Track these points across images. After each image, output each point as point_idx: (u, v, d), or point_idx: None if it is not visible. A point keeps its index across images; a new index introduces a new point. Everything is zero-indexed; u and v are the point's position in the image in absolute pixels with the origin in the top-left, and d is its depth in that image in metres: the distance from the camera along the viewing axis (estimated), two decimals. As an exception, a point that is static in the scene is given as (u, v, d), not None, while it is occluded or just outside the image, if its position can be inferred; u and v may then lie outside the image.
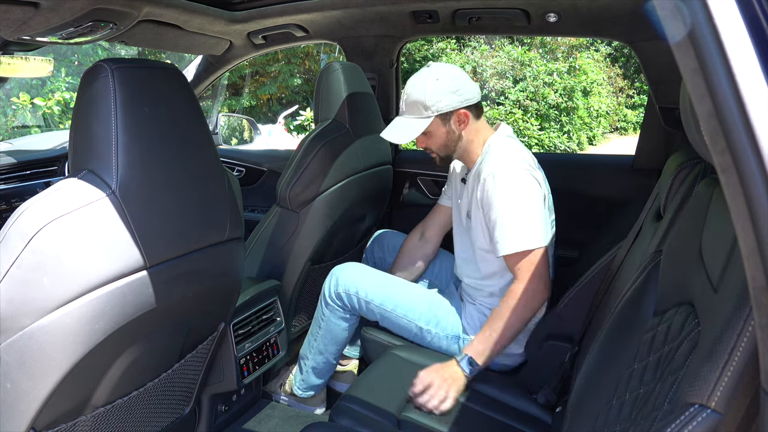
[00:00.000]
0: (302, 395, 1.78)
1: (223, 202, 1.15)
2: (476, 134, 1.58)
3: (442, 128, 1.55)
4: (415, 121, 1.54)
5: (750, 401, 0.55)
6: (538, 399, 1.42)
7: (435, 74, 1.52)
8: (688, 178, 1.12)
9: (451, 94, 1.51)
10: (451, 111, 1.52)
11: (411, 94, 1.54)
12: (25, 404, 0.92)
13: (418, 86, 1.53)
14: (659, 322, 0.83)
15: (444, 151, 1.60)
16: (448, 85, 1.51)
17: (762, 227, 0.46)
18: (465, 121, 1.55)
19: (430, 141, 1.59)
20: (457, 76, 1.54)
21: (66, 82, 5.09)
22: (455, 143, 1.58)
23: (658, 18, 0.52)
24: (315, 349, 1.72)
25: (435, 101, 1.50)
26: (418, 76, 1.55)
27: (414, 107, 1.54)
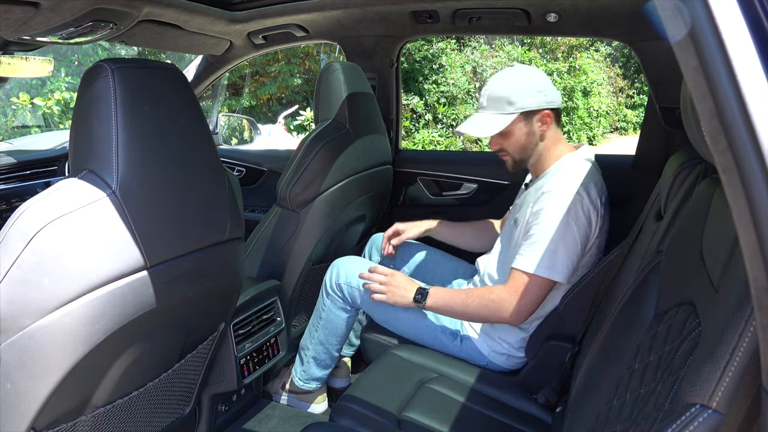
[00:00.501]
0: (303, 386, 1.78)
1: (223, 202, 1.14)
2: (553, 143, 1.53)
3: (523, 128, 1.49)
4: (497, 116, 1.48)
5: (751, 401, 0.55)
6: (538, 399, 1.42)
7: (521, 71, 1.49)
8: (688, 178, 1.12)
9: (537, 93, 1.47)
10: (536, 110, 1.47)
11: (495, 90, 1.49)
12: (25, 404, 0.92)
13: (503, 82, 1.49)
14: (660, 322, 0.83)
15: (520, 154, 1.54)
16: (534, 83, 1.47)
17: (763, 227, 0.46)
18: (548, 123, 1.49)
19: (506, 142, 1.52)
20: (542, 76, 1.51)
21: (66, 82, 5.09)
22: (533, 146, 1.52)
23: (659, 18, 0.52)
24: (316, 339, 1.73)
25: (520, 97, 1.46)
26: (503, 73, 1.51)
27: (497, 102, 1.48)
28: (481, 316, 1.48)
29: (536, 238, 1.40)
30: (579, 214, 1.39)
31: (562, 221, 1.39)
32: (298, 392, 1.82)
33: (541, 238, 1.39)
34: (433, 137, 6.97)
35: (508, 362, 1.57)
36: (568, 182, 1.42)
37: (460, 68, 7.65)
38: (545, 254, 1.38)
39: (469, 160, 2.34)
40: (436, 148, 6.74)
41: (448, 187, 2.25)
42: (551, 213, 1.40)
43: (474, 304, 1.45)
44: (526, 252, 1.41)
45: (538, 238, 1.40)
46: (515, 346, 1.55)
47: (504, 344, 1.55)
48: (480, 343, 1.56)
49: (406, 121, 7.05)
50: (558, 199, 1.40)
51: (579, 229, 1.40)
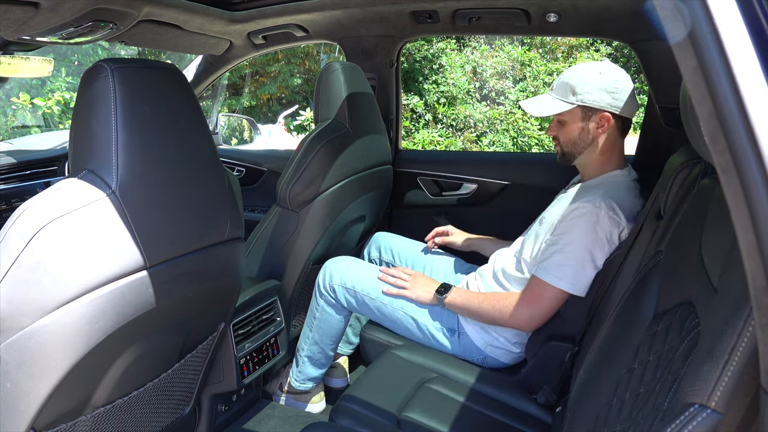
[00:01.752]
0: (300, 387, 1.78)
1: (223, 201, 1.14)
2: (611, 152, 1.48)
3: (579, 122, 1.46)
4: (557, 101, 1.47)
5: (750, 401, 0.55)
6: (538, 399, 1.42)
7: (600, 68, 1.45)
8: (688, 178, 1.12)
9: (605, 93, 1.42)
10: (596, 109, 1.43)
11: (566, 76, 1.47)
12: (25, 404, 0.92)
13: (576, 71, 1.46)
14: (659, 322, 0.83)
15: (569, 148, 1.50)
16: (607, 82, 1.42)
17: (762, 227, 0.46)
18: (605, 127, 1.44)
19: (561, 131, 1.50)
20: (621, 79, 1.44)
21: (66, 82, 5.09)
22: (584, 146, 1.48)
23: (658, 18, 0.52)
24: (310, 339, 1.73)
25: (585, 90, 1.42)
26: (584, 64, 1.48)
27: (562, 88, 1.47)
28: (494, 319, 1.48)
29: (565, 250, 1.38)
30: (613, 237, 1.39)
31: (595, 240, 1.37)
32: (296, 392, 1.82)
33: (570, 252, 1.38)
34: (433, 137, 6.97)
35: (505, 357, 1.57)
36: (607, 200, 1.38)
37: (460, 68, 7.65)
38: (572, 269, 1.38)
39: (469, 160, 2.34)
40: (436, 148, 6.74)
41: (448, 187, 2.25)
42: (587, 230, 1.37)
43: (488, 307, 1.47)
44: (552, 264, 1.40)
45: (568, 251, 1.38)
46: (511, 341, 1.55)
47: (501, 338, 1.55)
48: (476, 338, 1.57)
49: (406, 121, 7.05)
50: (597, 218, 1.37)
51: (609, 251, 1.39)
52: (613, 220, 1.38)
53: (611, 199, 1.39)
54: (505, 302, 1.46)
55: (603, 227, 1.37)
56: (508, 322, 1.45)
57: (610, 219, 1.38)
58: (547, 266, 1.41)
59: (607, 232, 1.38)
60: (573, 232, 1.39)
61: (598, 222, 1.37)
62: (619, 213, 1.39)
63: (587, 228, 1.37)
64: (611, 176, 1.49)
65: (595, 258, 1.39)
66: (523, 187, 2.14)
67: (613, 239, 1.39)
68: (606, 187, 1.44)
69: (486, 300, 1.49)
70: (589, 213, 1.38)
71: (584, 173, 1.55)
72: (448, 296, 1.54)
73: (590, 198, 1.40)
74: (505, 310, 1.45)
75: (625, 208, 1.40)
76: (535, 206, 1.79)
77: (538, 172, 2.13)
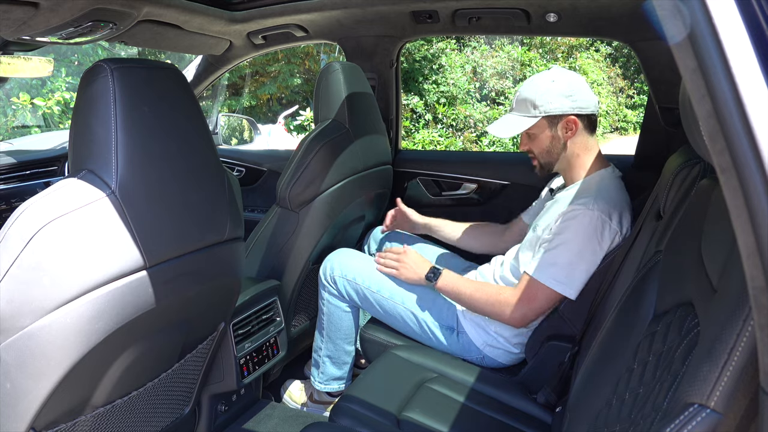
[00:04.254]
0: (324, 389, 1.77)
1: (223, 202, 1.15)
2: (585, 151, 1.51)
3: (547, 132, 1.49)
4: (520, 118, 1.50)
5: (749, 401, 0.55)
6: (538, 399, 1.42)
7: (552, 76, 1.48)
8: (687, 178, 1.12)
9: (564, 98, 1.45)
10: (560, 115, 1.46)
11: (522, 92, 1.50)
12: (24, 404, 0.92)
13: (531, 84, 1.49)
14: (659, 322, 0.83)
15: (545, 158, 1.54)
16: (562, 88, 1.46)
17: (761, 227, 0.46)
18: (573, 129, 1.47)
19: (533, 144, 1.53)
20: (575, 81, 1.48)
21: (66, 82, 5.09)
22: (559, 152, 1.51)
23: (658, 18, 0.52)
24: (325, 337, 1.74)
25: (545, 101, 1.45)
26: (536, 75, 1.51)
27: (523, 105, 1.50)
28: (484, 311, 1.49)
29: (557, 251, 1.40)
30: (605, 237, 1.39)
31: (586, 241, 1.38)
32: (321, 402, 1.81)
33: (562, 252, 1.39)
34: (433, 137, 6.97)
35: (504, 357, 1.57)
36: (599, 202, 1.40)
37: (460, 68, 7.65)
38: (563, 269, 1.39)
39: (469, 160, 2.34)
40: (436, 148, 6.74)
41: (447, 187, 2.26)
42: (578, 231, 1.39)
43: (481, 297, 1.48)
44: (544, 262, 1.41)
45: (560, 251, 1.40)
46: (511, 341, 1.55)
47: (500, 339, 1.55)
48: (475, 338, 1.57)
49: (406, 121, 7.05)
50: (587, 220, 1.38)
51: (601, 251, 1.40)
52: (606, 222, 1.39)
53: (603, 201, 1.40)
54: (498, 297, 1.46)
55: (595, 229, 1.39)
56: (499, 317, 1.46)
57: (602, 221, 1.39)
58: (541, 266, 1.42)
59: (599, 235, 1.39)
60: (566, 233, 1.40)
61: (590, 224, 1.38)
62: (612, 214, 1.40)
63: (580, 230, 1.39)
64: (597, 176, 1.50)
65: (588, 260, 1.40)
66: (523, 187, 2.13)
67: (605, 241, 1.40)
68: (596, 189, 1.45)
69: (479, 291, 1.49)
70: (581, 215, 1.39)
71: (568, 177, 1.56)
72: (438, 282, 1.55)
73: (583, 201, 1.41)
74: (497, 305, 1.45)
75: (617, 208, 1.42)
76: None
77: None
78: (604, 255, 1.41)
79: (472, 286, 1.51)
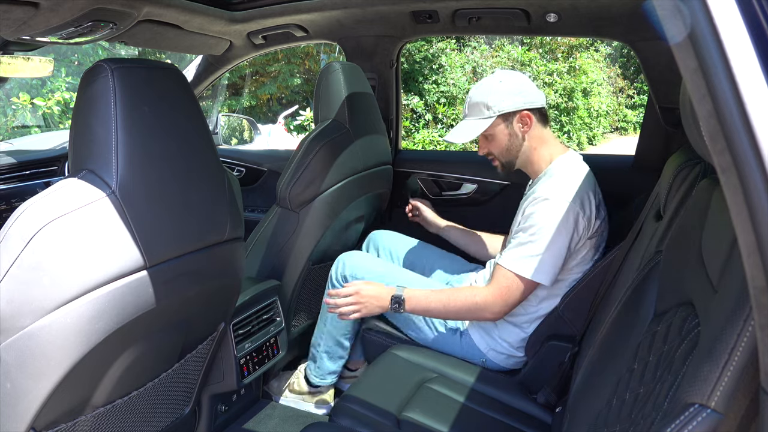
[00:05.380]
0: (319, 383, 1.78)
1: (223, 202, 1.15)
2: (541, 143, 1.54)
3: (504, 130, 1.53)
4: (476, 121, 1.53)
5: (750, 401, 0.55)
6: (538, 399, 1.42)
7: (498, 77, 1.53)
8: (688, 178, 1.12)
9: (514, 95, 1.50)
10: (514, 111, 1.51)
11: (473, 97, 1.53)
12: (24, 404, 0.92)
13: (480, 88, 1.53)
14: (659, 322, 0.83)
15: (506, 156, 1.57)
16: (510, 86, 1.50)
17: (762, 227, 0.46)
18: (528, 123, 1.52)
19: (491, 145, 1.57)
20: (520, 79, 1.54)
21: (66, 82, 5.09)
22: (518, 148, 1.55)
23: (658, 18, 0.52)
24: (326, 333, 1.74)
25: (497, 101, 1.49)
26: (482, 81, 1.56)
27: (476, 108, 1.53)
28: (463, 316, 1.50)
29: (524, 239, 1.42)
30: (569, 220, 1.41)
31: (551, 226, 1.40)
32: (306, 393, 1.82)
33: (530, 240, 1.41)
34: (433, 137, 6.97)
35: (507, 361, 1.57)
36: (560, 187, 1.43)
37: (460, 68, 7.65)
38: (532, 257, 1.41)
39: (469, 160, 2.34)
40: (436, 148, 6.74)
41: (447, 187, 2.26)
42: (541, 217, 1.41)
43: (456, 305, 1.45)
44: (514, 252, 1.43)
45: (527, 239, 1.42)
46: (515, 345, 1.55)
47: (504, 343, 1.55)
48: (479, 341, 1.57)
49: (406, 121, 7.05)
50: (549, 205, 1.41)
51: (567, 235, 1.42)
52: (568, 205, 1.41)
53: (562, 186, 1.43)
54: (474, 299, 1.44)
55: (558, 214, 1.40)
56: (477, 316, 1.47)
57: (563, 205, 1.41)
58: (511, 257, 1.43)
59: (563, 219, 1.40)
60: (534, 222, 1.42)
61: (553, 210, 1.41)
62: (576, 198, 1.42)
63: (545, 217, 1.41)
64: (557, 164, 1.53)
65: (556, 246, 1.41)
66: (523, 187, 2.13)
67: (570, 224, 1.41)
68: (558, 175, 1.48)
69: (452, 299, 1.45)
70: (544, 203, 1.41)
71: (531, 171, 1.59)
72: (406, 307, 1.47)
73: (543, 189, 1.44)
74: (473, 307, 1.44)
75: (577, 191, 1.43)
76: None
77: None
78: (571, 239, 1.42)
79: (444, 298, 1.46)
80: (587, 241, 1.47)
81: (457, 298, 1.46)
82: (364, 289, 1.48)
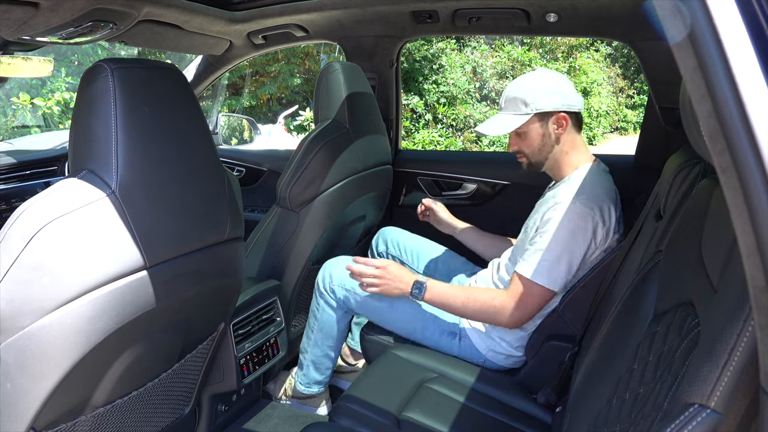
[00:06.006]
0: (305, 391, 1.77)
1: (223, 202, 1.15)
2: (572, 148, 1.52)
3: (538, 129, 1.50)
4: (511, 116, 1.51)
5: (750, 401, 0.55)
6: (538, 399, 1.42)
7: (540, 75, 1.51)
8: (688, 178, 1.12)
9: (554, 95, 1.47)
10: (551, 111, 1.48)
11: (511, 91, 1.51)
12: (24, 404, 0.92)
13: (519, 84, 1.51)
14: (659, 322, 0.83)
15: (536, 156, 1.54)
16: (551, 86, 1.48)
17: (762, 227, 0.46)
18: (563, 126, 1.49)
19: (523, 143, 1.54)
20: (561, 80, 1.51)
21: (66, 82, 5.09)
22: (549, 149, 1.52)
23: (658, 18, 0.52)
24: (313, 341, 1.73)
25: (535, 98, 1.47)
26: (522, 76, 1.53)
27: (513, 104, 1.51)
28: (479, 318, 1.49)
29: (542, 245, 1.41)
30: (588, 230, 1.40)
31: (569, 234, 1.39)
32: (301, 397, 1.82)
33: (547, 247, 1.40)
34: (433, 137, 6.98)
35: (506, 361, 1.57)
36: (582, 195, 1.41)
37: (460, 68, 7.65)
38: (548, 264, 1.40)
39: (469, 160, 2.34)
40: (436, 148, 6.74)
41: (447, 187, 2.26)
42: (561, 224, 1.40)
43: (474, 305, 1.47)
44: (530, 259, 1.42)
45: (544, 246, 1.41)
46: (514, 345, 1.55)
47: (503, 343, 1.55)
48: (478, 342, 1.57)
49: (406, 121, 7.05)
50: (569, 212, 1.39)
51: (585, 244, 1.41)
52: (588, 215, 1.40)
53: (585, 195, 1.41)
54: (493, 302, 1.45)
55: (579, 223, 1.39)
56: (495, 322, 1.46)
57: (585, 214, 1.40)
58: (530, 265, 1.42)
59: (582, 228, 1.40)
60: (552, 228, 1.41)
61: (574, 218, 1.39)
62: (594, 208, 1.40)
63: (564, 224, 1.40)
64: (582, 171, 1.51)
65: (572, 254, 1.40)
66: (523, 187, 2.14)
67: (588, 234, 1.40)
68: (579, 183, 1.46)
69: (470, 298, 1.47)
70: (566, 210, 1.40)
71: (556, 175, 1.58)
72: (424, 296, 1.50)
73: (565, 195, 1.43)
74: (491, 309, 1.45)
75: (601, 202, 1.42)
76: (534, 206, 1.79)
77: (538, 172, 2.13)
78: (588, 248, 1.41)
79: (463, 295, 1.48)
80: (601, 253, 1.46)
81: (477, 298, 1.47)
82: (391, 267, 1.52)
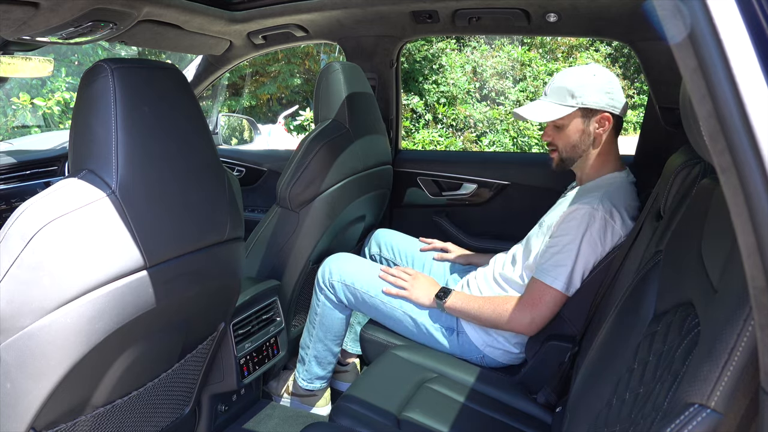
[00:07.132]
0: (307, 387, 1.77)
1: (223, 202, 1.15)
2: (607, 152, 1.49)
3: (579, 125, 1.46)
4: (555, 105, 1.47)
5: (750, 401, 0.55)
6: (538, 399, 1.42)
7: (592, 70, 1.46)
8: (688, 178, 1.12)
9: (603, 93, 1.43)
10: (597, 109, 1.44)
11: (559, 80, 1.47)
12: (24, 404, 0.92)
13: (570, 74, 1.47)
14: (659, 322, 0.83)
15: (569, 152, 1.50)
16: (602, 83, 1.44)
17: (762, 227, 0.46)
18: (605, 126, 1.45)
19: (559, 136, 1.50)
20: (613, 80, 1.47)
21: (66, 82, 5.09)
22: (585, 148, 1.48)
23: (658, 18, 0.52)
24: (315, 337, 1.73)
25: (584, 93, 1.43)
26: (573, 67, 1.49)
27: (559, 93, 1.46)
28: (494, 323, 1.48)
29: (561, 250, 1.40)
30: (606, 239, 1.40)
31: (589, 241, 1.39)
32: (302, 395, 1.82)
33: (565, 253, 1.40)
34: (433, 137, 6.97)
35: (504, 357, 1.57)
36: (606, 203, 1.39)
37: (460, 68, 7.65)
38: (566, 270, 1.40)
39: (469, 160, 2.34)
40: (436, 148, 6.74)
41: (447, 187, 2.26)
42: (581, 231, 1.39)
43: (488, 311, 1.47)
44: (550, 265, 1.41)
45: (563, 251, 1.40)
46: (510, 341, 1.55)
47: (500, 338, 1.55)
48: (475, 338, 1.57)
49: (406, 121, 7.05)
50: (592, 219, 1.38)
51: (603, 252, 1.40)
52: (609, 223, 1.39)
53: (609, 202, 1.40)
54: (505, 306, 1.46)
55: (598, 229, 1.39)
56: (508, 325, 1.45)
57: (606, 222, 1.39)
58: (546, 268, 1.42)
59: (601, 235, 1.39)
60: (570, 233, 1.40)
61: (594, 224, 1.38)
62: (615, 216, 1.39)
63: (583, 229, 1.39)
64: (610, 178, 1.49)
65: (588, 261, 1.40)
66: (523, 187, 2.14)
67: (606, 242, 1.40)
68: (605, 189, 1.44)
69: (486, 304, 1.49)
70: (586, 214, 1.39)
71: (582, 176, 1.55)
72: (447, 301, 1.54)
73: (588, 200, 1.41)
74: (505, 314, 1.45)
75: (623, 211, 1.41)
76: (535, 206, 1.79)
77: (538, 172, 2.13)
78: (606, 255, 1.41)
79: (479, 302, 1.50)
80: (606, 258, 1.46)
81: (490, 303, 1.47)
82: (420, 277, 1.63)
